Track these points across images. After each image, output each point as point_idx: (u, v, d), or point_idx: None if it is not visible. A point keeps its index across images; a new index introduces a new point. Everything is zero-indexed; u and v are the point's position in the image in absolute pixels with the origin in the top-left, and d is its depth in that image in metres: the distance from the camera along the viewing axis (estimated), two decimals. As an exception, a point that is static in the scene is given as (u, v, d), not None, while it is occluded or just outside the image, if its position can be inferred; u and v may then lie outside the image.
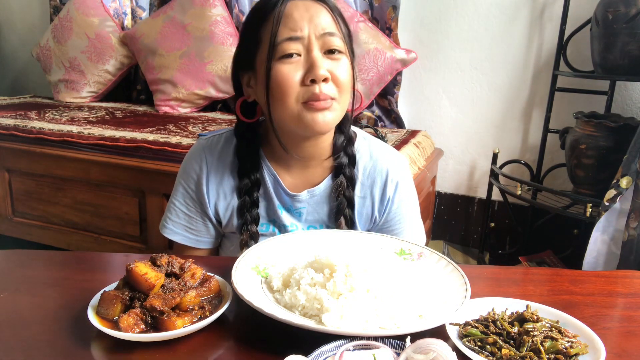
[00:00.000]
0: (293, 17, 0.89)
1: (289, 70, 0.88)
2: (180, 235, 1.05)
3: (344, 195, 1.00)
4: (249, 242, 0.99)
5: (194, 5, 2.60)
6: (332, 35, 0.90)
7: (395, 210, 1.04)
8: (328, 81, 0.89)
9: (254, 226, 1.00)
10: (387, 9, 2.40)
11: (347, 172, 1.00)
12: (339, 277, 0.70)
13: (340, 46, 0.90)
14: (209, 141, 1.05)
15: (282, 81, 0.88)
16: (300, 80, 0.88)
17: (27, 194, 2.12)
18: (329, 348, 0.61)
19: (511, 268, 0.98)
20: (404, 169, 1.07)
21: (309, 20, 0.89)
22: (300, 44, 0.88)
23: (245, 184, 0.99)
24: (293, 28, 0.88)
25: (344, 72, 0.91)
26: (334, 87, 0.90)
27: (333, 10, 0.92)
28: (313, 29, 0.89)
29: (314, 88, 0.87)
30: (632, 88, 2.12)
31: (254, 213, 1.00)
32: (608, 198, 1.67)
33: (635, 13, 1.72)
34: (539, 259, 2.17)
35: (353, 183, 1.01)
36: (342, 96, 0.91)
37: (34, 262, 0.90)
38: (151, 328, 0.65)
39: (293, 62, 0.88)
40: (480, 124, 2.43)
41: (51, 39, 2.90)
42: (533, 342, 0.63)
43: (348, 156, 1.01)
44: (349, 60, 0.92)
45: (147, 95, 2.88)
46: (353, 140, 1.03)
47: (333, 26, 0.90)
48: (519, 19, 2.27)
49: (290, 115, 0.91)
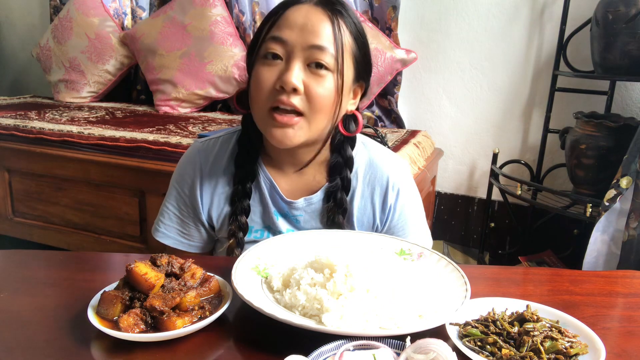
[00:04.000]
0: (288, 19, 0.86)
1: (266, 72, 0.86)
2: (172, 239, 1.04)
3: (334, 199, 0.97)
4: (236, 249, 0.97)
5: (194, 5, 2.60)
6: (321, 49, 0.85)
7: (398, 218, 1.02)
8: (299, 93, 0.85)
9: (241, 233, 0.98)
10: (387, 9, 2.40)
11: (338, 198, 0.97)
12: (339, 277, 0.70)
13: (328, 62, 0.86)
14: (205, 145, 1.03)
15: (256, 81, 0.87)
16: (273, 84, 0.86)
17: (27, 194, 2.12)
18: (329, 348, 0.61)
19: (511, 268, 0.98)
20: (405, 174, 1.04)
21: (301, 27, 0.85)
22: (284, 47, 0.86)
23: (236, 191, 0.98)
24: (282, 29, 0.86)
25: (323, 89, 0.86)
26: (305, 101, 0.86)
27: (340, 24, 0.87)
28: (302, 38, 0.85)
29: (281, 94, 0.85)
30: (632, 88, 2.12)
31: (243, 221, 0.98)
32: (608, 198, 1.67)
33: (635, 13, 1.72)
34: (539, 259, 2.17)
35: (348, 186, 0.98)
36: (315, 114, 0.87)
37: (34, 262, 0.90)
38: (151, 328, 0.65)
39: (272, 65, 0.86)
40: (480, 124, 2.43)
41: (51, 39, 2.90)
42: (533, 342, 0.63)
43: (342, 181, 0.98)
44: (334, 79, 0.87)
45: (147, 95, 2.88)
46: (351, 162, 0.99)
47: (327, 41, 0.86)
48: (519, 19, 2.27)
49: (258, 120, 0.90)
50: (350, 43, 0.89)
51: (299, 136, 0.88)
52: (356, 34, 0.91)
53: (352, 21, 0.90)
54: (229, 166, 1.00)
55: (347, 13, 0.90)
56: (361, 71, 0.93)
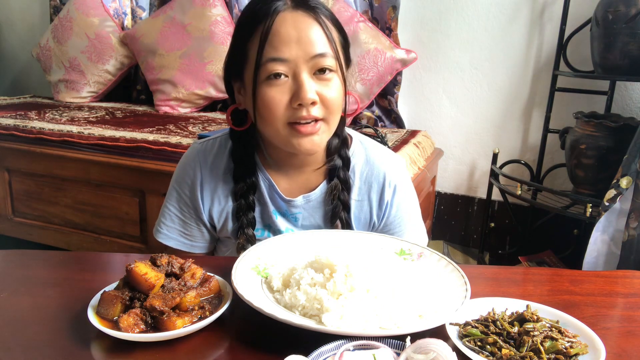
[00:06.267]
0: (280, 35, 0.84)
1: (276, 94, 0.85)
2: (174, 240, 1.04)
3: (339, 199, 0.98)
4: (246, 245, 0.98)
5: (194, 5, 2.60)
6: (323, 56, 0.85)
7: (394, 214, 1.03)
8: (316, 104, 0.86)
9: (250, 229, 0.99)
10: (387, 9, 2.40)
11: (341, 174, 0.98)
12: (339, 277, 0.70)
13: (331, 65, 0.86)
14: (204, 145, 1.03)
15: (268, 104, 0.86)
16: (287, 103, 0.85)
17: (27, 194, 2.12)
18: (329, 348, 0.61)
19: (511, 268, 0.98)
20: (402, 171, 1.05)
21: (297, 40, 0.84)
22: (287, 65, 0.85)
23: (240, 188, 0.98)
24: (279, 48, 0.84)
25: (334, 92, 0.87)
26: (323, 108, 0.87)
27: (326, 23, 0.87)
28: (302, 51, 0.84)
29: (301, 111, 0.85)
30: (632, 88, 2.12)
31: (250, 216, 0.99)
32: (608, 198, 1.67)
33: (635, 13, 1.72)
34: (539, 259, 2.17)
35: (348, 186, 0.99)
36: (332, 116, 0.88)
37: (34, 262, 0.90)
38: (151, 328, 0.65)
39: (280, 84, 0.85)
40: (480, 124, 2.43)
41: (51, 39, 2.90)
42: (533, 342, 0.63)
43: (342, 159, 0.99)
44: (340, 77, 0.88)
45: (147, 95, 2.88)
46: (348, 142, 1.01)
47: (324, 45, 0.86)
48: (519, 19, 2.27)
49: (277, 137, 0.90)
50: (336, 35, 0.90)
51: (323, 140, 0.90)
52: (335, 21, 0.91)
53: (326, 10, 0.90)
54: (229, 164, 1.00)
55: (320, 5, 0.89)
56: (348, 52, 0.94)
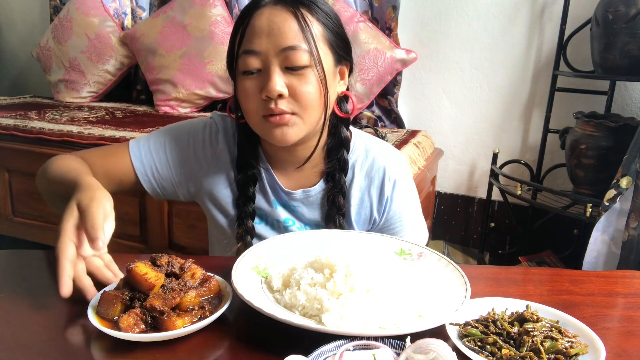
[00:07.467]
0: (254, 28, 0.87)
1: (250, 86, 0.88)
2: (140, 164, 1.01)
3: (334, 202, 0.99)
4: (245, 236, 0.99)
5: (194, 5, 2.60)
6: (294, 49, 0.85)
7: (395, 209, 1.03)
8: (285, 97, 0.86)
9: (250, 221, 1.00)
10: (387, 9, 2.40)
11: (336, 178, 0.98)
12: (339, 277, 0.70)
13: (303, 60, 0.85)
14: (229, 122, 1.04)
15: (243, 96, 0.89)
16: (259, 95, 0.88)
17: (27, 194, 2.12)
18: (329, 348, 0.61)
19: (511, 268, 0.98)
20: (402, 166, 1.05)
21: (268, 33, 0.85)
22: (258, 58, 0.87)
23: (242, 178, 0.99)
24: (251, 40, 0.87)
25: (307, 86, 0.87)
26: (294, 102, 0.87)
27: (306, 17, 0.86)
28: (272, 44, 0.85)
29: (269, 103, 0.86)
30: (632, 88, 2.12)
31: (250, 208, 1.00)
32: (608, 198, 1.67)
33: (635, 13, 1.72)
34: (539, 259, 2.17)
35: (343, 191, 0.99)
36: (306, 111, 0.88)
37: (34, 262, 0.90)
38: (151, 328, 0.65)
39: (253, 77, 0.88)
40: (480, 124, 2.43)
41: (51, 39, 2.90)
42: (533, 342, 0.63)
43: (339, 161, 0.99)
44: (315, 72, 0.87)
45: (147, 95, 2.88)
46: (348, 143, 1.00)
47: (297, 38, 0.85)
48: (519, 19, 2.27)
49: (256, 128, 0.92)
50: (320, 30, 0.89)
51: (296, 132, 0.90)
52: (325, 18, 0.90)
53: (317, 7, 0.89)
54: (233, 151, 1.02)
55: (312, 1, 0.89)
56: (340, 52, 0.93)
